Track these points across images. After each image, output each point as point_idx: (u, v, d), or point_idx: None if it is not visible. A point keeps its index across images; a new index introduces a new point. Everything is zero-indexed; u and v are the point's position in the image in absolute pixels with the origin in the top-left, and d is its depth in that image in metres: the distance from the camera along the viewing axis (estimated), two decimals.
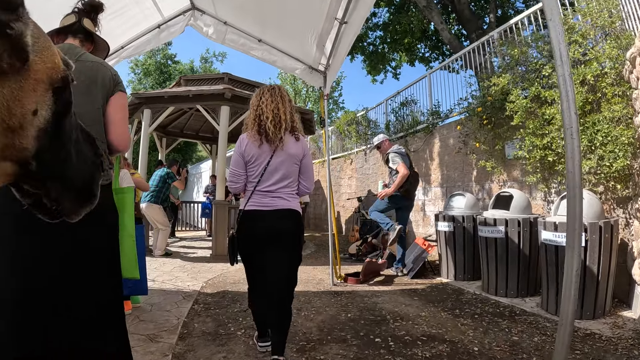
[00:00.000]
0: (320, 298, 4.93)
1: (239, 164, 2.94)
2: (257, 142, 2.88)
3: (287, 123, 2.91)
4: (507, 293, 4.93)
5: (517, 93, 5.85)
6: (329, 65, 5.58)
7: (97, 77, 2.05)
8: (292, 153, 2.92)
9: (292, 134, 2.98)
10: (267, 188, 2.88)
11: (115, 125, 2.10)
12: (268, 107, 2.89)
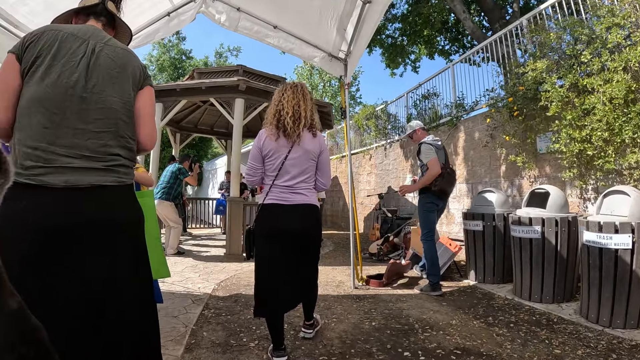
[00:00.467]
0: (341, 303, 4.56)
1: (256, 157, 3.00)
2: (274, 136, 2.93)
3: (306, 120, 2.98)
4: (542, 298, 4.53)
5: (552, 81, 5.41)
6: (350, 52, 5.21)
7: (127, 66, 1.89)
8: (309, 149, 2.97)
9: (310, 131, 3.04)
10: (286, 183, 2.94)
11: (145, 121, 1.97)
12: (289, 103, 2.95)
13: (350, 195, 5.51)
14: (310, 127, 3.03)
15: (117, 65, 1.85)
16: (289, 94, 3.00)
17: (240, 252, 7.48)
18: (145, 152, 2.14)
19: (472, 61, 8.89)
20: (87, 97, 1.73)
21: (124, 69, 1.88)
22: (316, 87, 31.74)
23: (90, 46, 1.82)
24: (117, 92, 1.83)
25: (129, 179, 1.92)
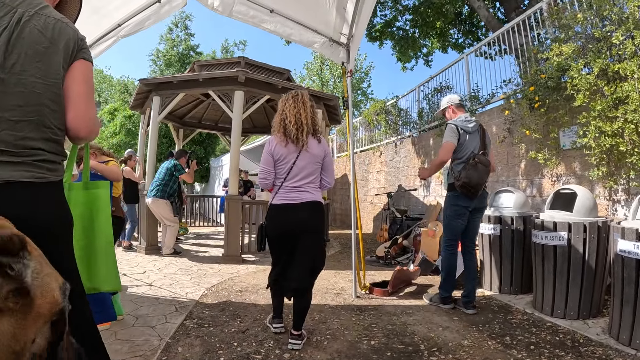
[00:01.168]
0: (338, 316, 4.06)
1: (268, 162, 3.34)
2: (283, 142, 3.27)
3: (308, 127, 3.29)
4: (566, 314, 4.02)
5: (578, 68, 4.85)
6: (351, 35, 4.71)
7: (59, 39, 1.57)
8: (315, 153, 3.32)
9: (315, 137, 3.36)
10: (294, 184, 3.30)
11: (74, 101, 1.63)
12: (291, 112, 3.29)
13: (353, 194, 5.02)
14: (314, 132, 3.36)
15: (45, 39, 1.53)
16: (291, 103, 3.34)
17: (238, 254, 7.03)
18: (79, 140, 1.73)
19: (487, 54, 8.34)
20: (4, 79, 1.45)
21: (54, 43, 1.55)
22: (327, 83, 31.23)
23: (17, 15, 1.48)
24: (42, 72, 1.52)
25: (54, 176, 1.58)
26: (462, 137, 4.27)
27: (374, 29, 14.51)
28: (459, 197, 4.25)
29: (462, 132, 4.28)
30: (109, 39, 5.64)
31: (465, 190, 4.15)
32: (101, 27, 5.46)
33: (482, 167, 4.17)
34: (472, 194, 4.17)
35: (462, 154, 4.28)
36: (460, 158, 4.28)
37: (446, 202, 4.44)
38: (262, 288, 5.13)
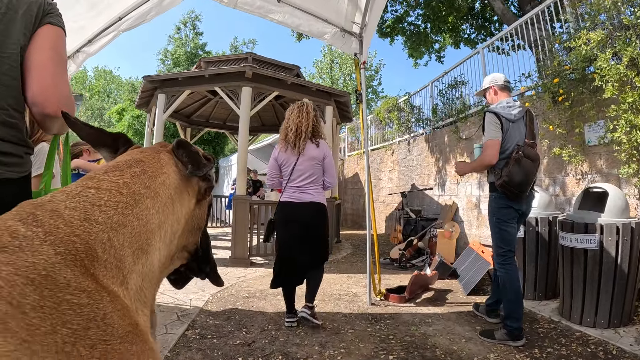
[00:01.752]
0: (353, 325, 3.77)
1: (274, 167, 3.81)
2: (284, 148, 3.70)
3: (306, 133, 3.66)
4: (596, 322, 3.70)
5: (606, 57, 4.52)
6: (365, 24, 4.42)
7: (18, 4, 1.32)
8: (313, 156, 3.66)
9: (313, 141, 3.71)
10: (297, 184, 3.69)
11: (38, 71, 1.34)
12: (294, 120, 3.69)
13: (368, 193, 4.73)
14: (312, 137, 3.72)
15: (2, 4, 1.28)
16: (296, 113, 3.74)
17: (246, 256, 6.77)
18: (48, 121, 1.37)
19: (501, 50, 7.99)
20: None
21: (12, 8, 1.30)
22: (336, 81, 30.91)
23: None
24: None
25: (10, 173, 1.28)
26: (505, 126, 3.54)
27: (385, 24, 14.18)
28: (503, 197, 3.53)
29: (504, 121, 3.55)
30: (109, 34, 5.43)
31: (506, 190, 3.43)
32: (100, 21, 5.26)
33: (528, 163, 3.43)
34: (514, 195, 3.45)
35: (505, 146, 3.53)
36: (503, 152, 3.53)
37: (491, 205, 3.68)
38: (270, 294, 4.86)
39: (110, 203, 0.81)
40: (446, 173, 8.58)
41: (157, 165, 0.98)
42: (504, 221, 3.55)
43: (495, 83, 3.86)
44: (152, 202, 0.90)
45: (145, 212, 0.88)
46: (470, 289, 4.91)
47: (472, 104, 8.05)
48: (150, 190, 0.92)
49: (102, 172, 0.89)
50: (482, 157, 3.57)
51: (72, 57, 5.68)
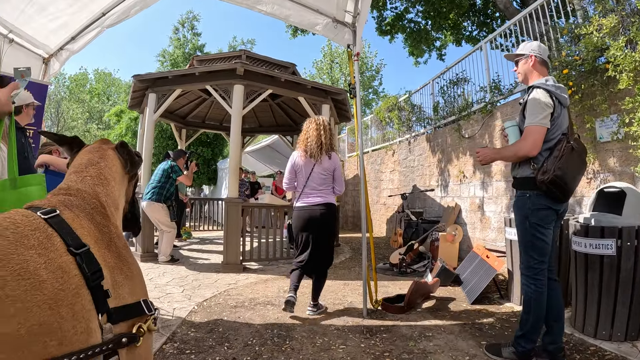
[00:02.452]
0: (345, 340, 3.43)
1: (291, 172, 4.26)
2: (304, 157, 4.15)
3: (326, 146, 4.14)
4: (612, 335, 3.36)
5: (619, 45, 4.19)
6: (357, 12, 4.10)
7: None
8: (326, 167, 4.15)
9: (327, 153, 4.16)
10: (310, 190, 4.16)
11: None
12: (313, 133, 4.15)
13: (362, 195, 4.41)
14: (327, 150, 4.17)
15: None
16: (314, 127, 4.19)
17: (239, 261, 6.44)
18: None
19: (504, 47, 7.66)
20: None
21: None
22: (337, 82, 30.60)
23: None
24: None
25: None
26: (557, 111, 2.87)
27: (385, 22, 13.89)
28: (544, 197, 2.89)
29: (557, 104, 2.87)
30: (92, 30, 5.17)
31: (556, 188, 2.77)
32: (83, 18, 5.00)
33: (579, 157, 2.87)
34: (564, 195, 2.84)
35: (551, 134, 2.88)
36: (547, 141, 2.87)
37: (525, 206, 2.97)
38: (259, 303, 4.54)
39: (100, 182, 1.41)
40: (448, 174, 8.24)
41: (112, 160, 1.55)
42: (542, 226, 2.92)
43: (537, 53, 3.08)
44: (114, 182, 1.49)
45: (113, 187, 1.47)
46: (474, 298, 4.57)
47: (474, 101, 7.72)
48: (112, 175, 1.50)
49: (85, 166, 1.44)
50: (521, 146, 2.87)
51: (56, 54, 5.41)
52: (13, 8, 4.24)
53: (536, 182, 2.82)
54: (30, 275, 0.86)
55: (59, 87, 37.01)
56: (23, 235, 0.93)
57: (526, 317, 2.98)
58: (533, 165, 2.87)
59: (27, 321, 0.82)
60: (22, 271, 0.85)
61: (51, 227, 1.02)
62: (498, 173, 6.66)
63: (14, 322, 0.79)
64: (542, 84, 2.90)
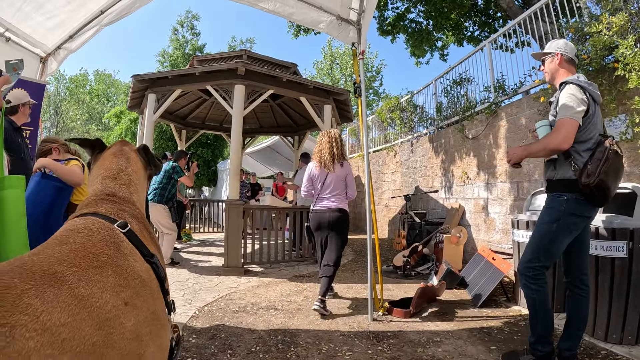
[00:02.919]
0: (351, 347, 3.33)
1: (308, 180, 4.75)
2: (318, 167, 4.66)
3: (337, 157, 4.61)
4: (623, 339, 3.29)
5: (629, 44, 4.11)
6: (362, 10, 4.01)
7: None
8: (339, 175, 4.60)
9: (339, 162, 4.62)
10: (325, 195, 4.62)
11: None
12: (326, 146, 4.63)
13: (368, 196, 4.32)
14: (340, 159, 4.61)
15: None
16: (326, 140, 4.65)
17: (240, 264, 6.35)
18: None
19: (506, 47, 7.57)
20: None
21: None
22: (337, 82, 30.49)
23: None
24: None
25: None
26: (592, 107, 2.75)
27: (386, 22, 13.79)
28: (583, 202, 2.73)
29: (591, 102, 2.74)
30: (91, 29, 5.10)
31: (600, 192, 2.62)
32: (80, 16, 4.92)
33: (620, 162, 2.73)
34: (605, 200, 2.70)
35: (588, 134, 2.74)
36: (585, 140, 2.73)
37: (560, 208, 2.80)
38: (262, 307, 4.44)
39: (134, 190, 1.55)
40: (452, 175, 8.15)
41: (136, 164, 1.66)
42: (568, 231, 2.79)
43: (563, 51, 2.97)
44: (139, 186, 1.62)
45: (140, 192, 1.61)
46: (481, 301, 4.48)
47: (478, 101, 7.63)
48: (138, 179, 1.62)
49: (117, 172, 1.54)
50: (552, 139, 2.70)
51: (53, 54, 5.32)
52: (9, 5, 4.15)
53: (578, 184, 2.67)
54: (137, 276, 1.12)
55: (59, 88, 36.92)
56: (119, 245, 1.16)
57: (535, 320, 2.87)
58: (574, 167, 2.71)
59: (149, 310, 1.09)
60: (133, 272, 1.11)
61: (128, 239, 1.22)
62: (502, 174, 6.56)
63: (144, 310, 1.06)
64: (574, 80, 2.77)
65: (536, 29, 6.33)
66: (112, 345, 0.86)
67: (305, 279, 6.03)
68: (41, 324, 0.75)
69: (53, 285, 0.84)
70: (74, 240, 1.06)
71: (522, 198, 5.90)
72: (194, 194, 21.75)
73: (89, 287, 0.91)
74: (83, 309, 0.85)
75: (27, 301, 0.77)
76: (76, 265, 0.95)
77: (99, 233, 1.14)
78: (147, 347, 0.99)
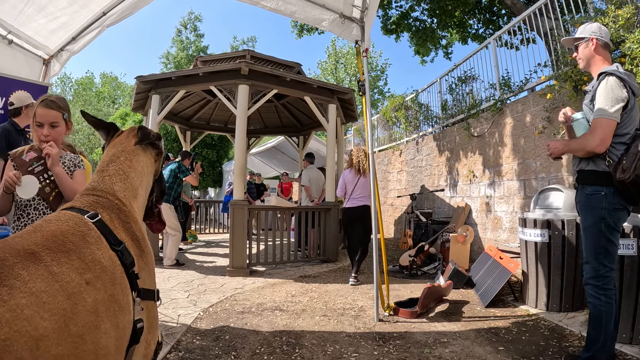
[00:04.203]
0: (357, 348, 3.29)
1: (342, 184, 6.07)
2: (352, 173, 6.01)
3: (367, 167, 5.55)
4: (633, 338, 3.22)
5: (636, 38, 4.05)
6: (366, 6, 3.97)
7: None
8: (366, 179, 5.89)
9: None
10: (356, 196, 5.93)
11: None
12: (363, 158, 5.99)
13: (373, 196, 4.26)
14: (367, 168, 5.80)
15: None
16: (362, 154, 6.03)
17: (245, 265, 6.32)
18: None
19: (511, 44, 7.49)
20: None
21: None
22: (342, 82, 30.45)
23: None
24: None
25: None
26: (630, 102, 2.60)
27: (390, 21, 13.73)
28: (618, 197, 2.61)
29: (631, 96, 2.60)
30: (93, 30, 5.08)
31: (636, 189, 2.49)
32: (83, 17, 4.90)
33: None
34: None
35: (625, 128, 2.62)
36: (622, 135, 2.61)
37: (600, 205, 2.65)
38: (267, 308, 4.41)
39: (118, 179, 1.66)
40: (457, 173, 8.08)
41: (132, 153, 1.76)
42: (616, 229, 2.63)
43: (598, 36, 2.78)
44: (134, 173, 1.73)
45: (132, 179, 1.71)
46: (488, 301, 4.42)
47: (483, 99, 7.56)
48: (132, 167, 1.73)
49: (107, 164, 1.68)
50: (588, 141, 2.60)
51: (56, 55, 5.31)
52: (11, 7, 4.14)
53: (612, 179, 2.55)
54: (98, 262, 1.25)
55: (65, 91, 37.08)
56: (85, 234, 1.30)
57: (595, 334, 2.63)
58: (608, 160, 2.59)
59: (106, 292, 1.22)
60: (94, 259, 1.25)
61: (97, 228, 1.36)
62: (509, 172, 6.49)
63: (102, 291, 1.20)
64: (615, 71, 2.60)
65: (541, 25, 6.27)
66: (76, 313, 1.06)
67: (311, 279, 6.00)
68: (29, 289, 0.99)
69: (33, 262, 1.07)
70: (46, 229, 1.25)
71: (530, 196, 5.83)
72: (200, 195, 21.78)
73: (59, 267, 1.12)
74: (56, 282, 1.07)
75: (17, 271, 1.00)
76: (49, 248, 1.16)
77: (67, 223, 1.31)
78: (103, 322, 1.14)
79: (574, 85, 4.97)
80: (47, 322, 0.97)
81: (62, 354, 0.99)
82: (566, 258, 4.09)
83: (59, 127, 2.42)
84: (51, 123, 2.38)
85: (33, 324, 0.93)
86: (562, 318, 3.95)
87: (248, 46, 33.94)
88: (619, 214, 2.61)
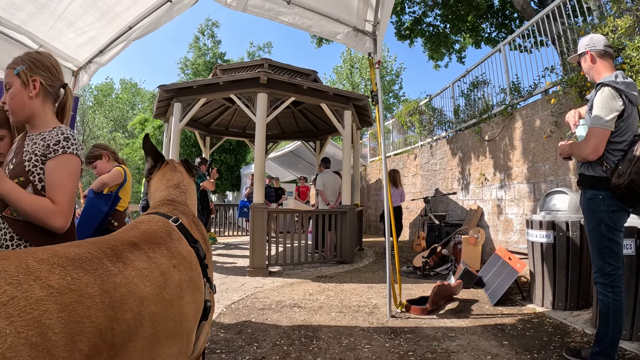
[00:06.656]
0: (370, 340, 3.54)
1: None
2: (393, 187, 8.77)
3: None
4: (633, 335, 3.37)
5: (635, 46, 4.22)
6: (377, 22, 4.22)
7: None
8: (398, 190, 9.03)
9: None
10: (393, 199, 8.31)
11: None
12: (396, 176, 9.15)
13: (386, 199, 4.50)
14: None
15: None
16: (398, 174, 9.27)
17: (264, 266, 6.59)
18: None
19: (523, 47, 7.65)
20: None
21: None
22: (357, 86, 30.68)
23: None
24: None
25: None
26: (628, 110, 2.74)
27: (404, 27, 13.95)
28: (615, 200, 2.77)
29: (627, 104, 2.73)
30: (120, 43, 5.39)
31: (631, 193, 2.64)
32: (110, 31, 5.21)
33: None
34: (637, 200, 2.69)
35: (623, 135, 2.76)
36: (618, 142, 2.76)
37: (598, 208, 2.83)
38: (286, 305, 4.67)
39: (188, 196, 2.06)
40: (470, 176, 8.27)
41: (186, 177, 2.17)
42: (617, 229, 2.79)
43: (592, 47, 2.94)
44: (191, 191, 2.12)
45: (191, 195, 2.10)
46: (497, 299, 4.62)
47: (494, 103, 7.75)
48: (190, 187, 2.13)
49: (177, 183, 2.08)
50: (583, 148, 2.80)
51: (84, 67, 5.64)
52: (43, 23, 4.45)
53: (609, 183, 2.72)
54: (180, 253, 1.55)
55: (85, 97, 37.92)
56: (170, 232, 1.62)
57: (604, 330, 2.76)
58: (605, 166, 2.75)
59: (187, 274, 1.51)
60: (177, 250, 1.56)
61: (179, 229, 1.69)
62: (519, 175, 6.67)
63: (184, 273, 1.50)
64: (611, 82, 2.74)
65: (549, 30, 6.43)
66: (167, 285, 1.37)
67: (328, 279, 6.24)
68: (135, 266, 1.29)
69: (136, 249, 1.38)
70: (141, 227, 1.58)
71: (539, 199, 6.01)
72: (218, 198, 22.15)
73: (154, 253, 1.43)
74: (153, 263, 1.38)
75: (126, 254, 1.31)
76: (145, 240, 1.47)
77: (157, 224, 1.64)
78: (185, 294, 1.45)
79: (578, 91, 5.15)
80: (148, 288, 1.28)
81: (157, 312, 1.28)
82: (571, 258, 4.27)
83: (11, 89, 1.80)
84: (5, 86, 1.81)
85: (139, 287, 1.24)
86: (567, 316, 4.12)
87: (264, 52, 34.48)
88: (618, 215, 2.77)
